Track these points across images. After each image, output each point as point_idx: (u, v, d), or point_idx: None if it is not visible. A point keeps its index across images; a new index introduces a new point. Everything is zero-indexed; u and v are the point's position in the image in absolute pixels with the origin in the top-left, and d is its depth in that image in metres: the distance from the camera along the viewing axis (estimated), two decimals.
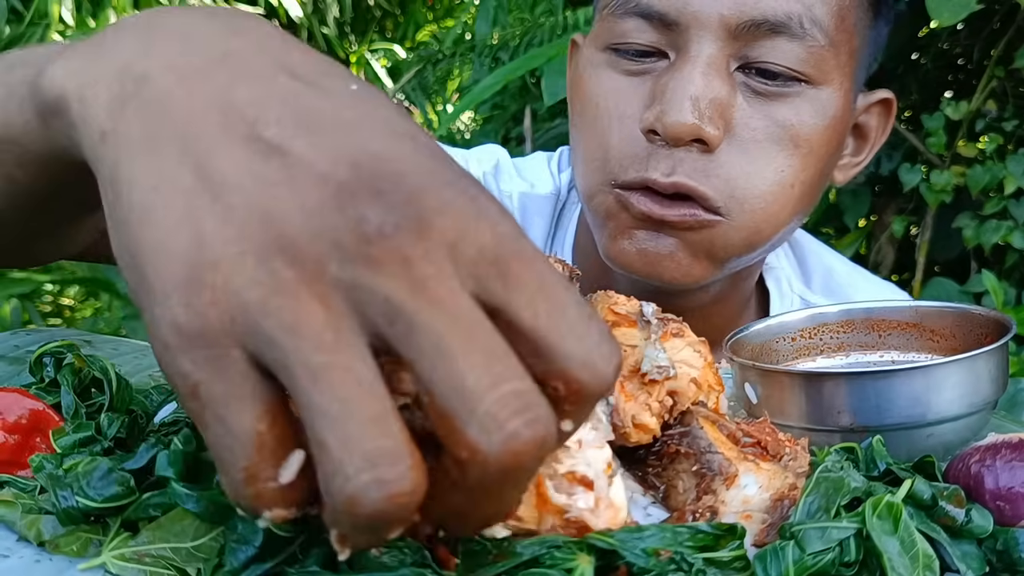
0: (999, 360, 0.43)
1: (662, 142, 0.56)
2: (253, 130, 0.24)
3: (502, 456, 0.22)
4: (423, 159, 0.24)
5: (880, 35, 0.64)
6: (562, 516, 0.29)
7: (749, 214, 0.58)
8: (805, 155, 0.58)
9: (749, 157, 0.57)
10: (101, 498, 0.32)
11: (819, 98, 0.58)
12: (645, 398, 0.35)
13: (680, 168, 0.56)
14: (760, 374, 0.44)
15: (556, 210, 0.75)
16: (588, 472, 0.30)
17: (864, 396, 0.41)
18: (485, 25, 2.10)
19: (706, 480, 0.34)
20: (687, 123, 0.54)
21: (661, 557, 0.29)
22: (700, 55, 0.56)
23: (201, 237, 0.23)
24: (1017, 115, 1.58)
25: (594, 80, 0.60)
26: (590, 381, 0.23)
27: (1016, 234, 1.51)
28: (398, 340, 0.22)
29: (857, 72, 0.61)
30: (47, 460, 0.34)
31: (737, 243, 0.59)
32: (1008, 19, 1.56)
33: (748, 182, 0.57)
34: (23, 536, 0.33)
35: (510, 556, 0.28)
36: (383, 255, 0.22)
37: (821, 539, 0.30)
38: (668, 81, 0.56)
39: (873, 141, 0.67)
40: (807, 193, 0.60)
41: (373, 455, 0.21)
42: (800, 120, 0.58)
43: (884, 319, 0.50)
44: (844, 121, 0.60)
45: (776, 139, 0.57)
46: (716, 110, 0.56)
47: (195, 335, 0.22)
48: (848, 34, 0.59)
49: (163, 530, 0.31)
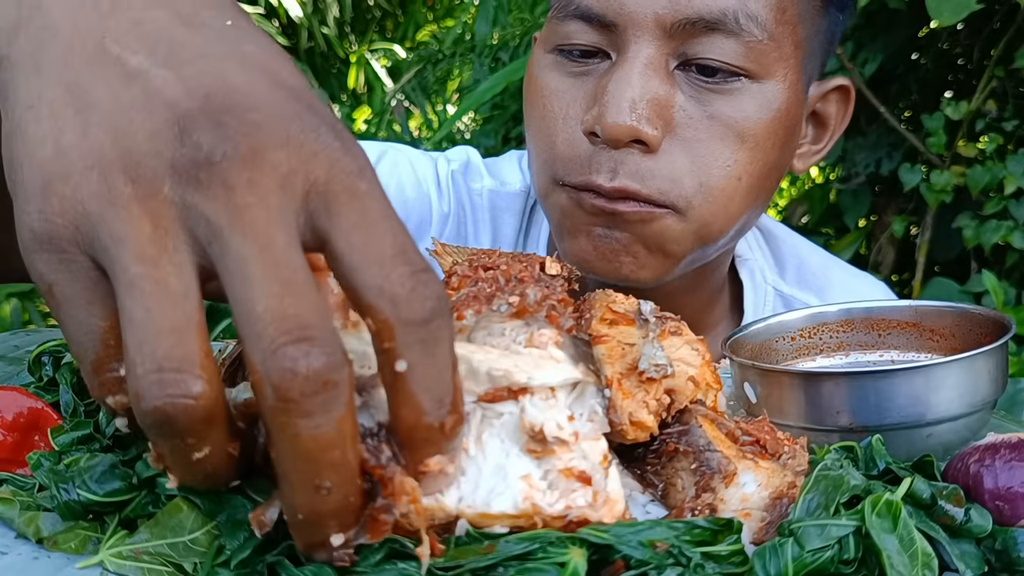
0: (999, 360, 0.43)
1: (603, 144, 0.57)
2: (120, 57, 0.26)
3: (280, 381, 0.23)
4: (277, 96, 0.25)
5: (834, 21, 0.63)
6: (563, 521, 0.29)
7: (697, 209, 0.58)
8: (751, 149, 0.59)
9: (692, 154, 0.57)
10: (103, 492, 0.32)
11: (762, 92, 0.58)
12: (643, 396, 0.35)
13: (622, 170, 0.56)
14: (759, 373, 0.44)
15: (527, 206, 0.76)
16: (585, 466, 0.30)
17: (863, 396, 0.41)
18: (485, 25, 2.10)
19: (705, 478, 0.34)
20: (624, 124, 0.55)
21: (657, 549, 0.29)
22: (638, 55, 0.56)
23: (60, 150, 0.25)
24: (1017, 115, 1.58)
25: (541, 81, 0.60)
26: (391, 313, 0.24)
27: (1016, 234, 1.51)
28: (216, 260, 0.24)
29: (806, 61, 0.61)
30: (45, 457, 0.34)
31: (688, 236, 0.59)
32: (1008, 19, 1.56)
33: (693, 179, 0.57)
34: (21, 533, 0.33)
35: (499, 549, 0.28)
36: (209, 180, 0.24)
37: (820, 536, 0.30)
38: (607, 83, 0.56)
39: (833, 128, 0.67)
40: (757, 185, 0.60)
41: (162, 360, 0.24)
42: (743, 115, 0.58)
43: (884, 319, 0.50)
44: (792, 113, 0.60)
45: (719, 135, 0.57)
46: (655, 110, 0.56)
47: (46, 239, 0.25)
48: (790, 26, 0.59)
49: (160, 526, 0.31)
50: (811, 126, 0.67)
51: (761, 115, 0.58)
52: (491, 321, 0.38)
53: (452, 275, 0.44)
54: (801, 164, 0.67)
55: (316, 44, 3.24)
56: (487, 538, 0.29)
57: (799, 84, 0.61)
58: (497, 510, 0.29)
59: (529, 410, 0.31)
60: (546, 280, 0.43)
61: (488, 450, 0.30)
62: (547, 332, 0.35)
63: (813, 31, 0.61)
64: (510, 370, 0.31)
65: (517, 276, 0.42)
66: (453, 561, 0.28)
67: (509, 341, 0.35)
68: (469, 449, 0.30)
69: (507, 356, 0.32)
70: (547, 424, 0.31)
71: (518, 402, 0.31)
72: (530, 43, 1.89)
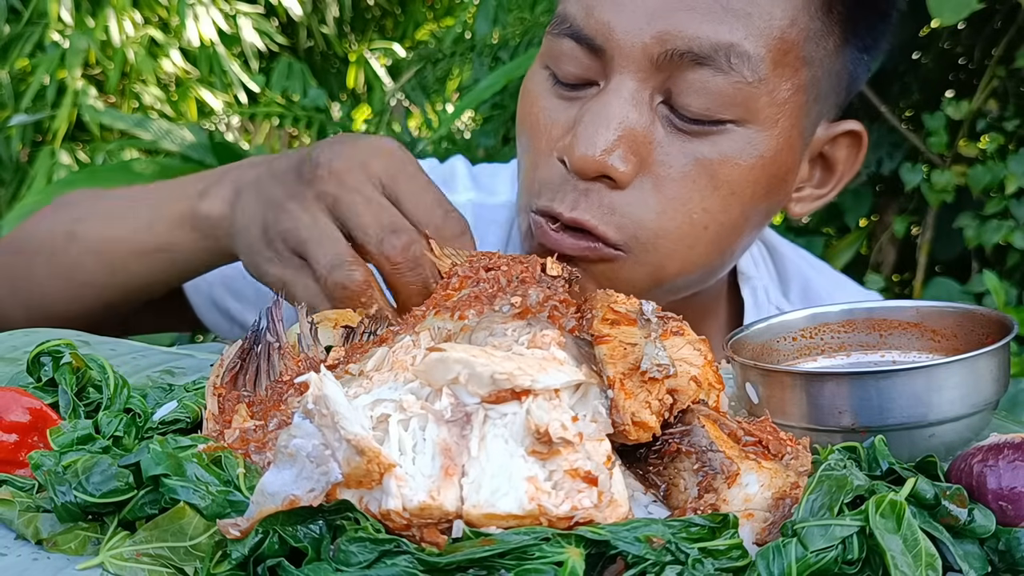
0: (1001, 360, 0.43)
1: (571, 176, 0.55)
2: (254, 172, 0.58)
3: (392, 253, 0.49)
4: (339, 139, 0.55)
5: (855, 62, 0.61)
6: (568, 522, 0.29)
7: (652, 253, 0.56)
8: (725, 196, 0.56)
9: (661, 196, 0.55)
10: (100, 494, 0.32)
11: (746, 137, 0.55)
12: (645, 396, 0.34)
13: (584, 203, 0.55)
14: (761, 374, 0.44)
15: (514, 217, 0.74)
16: (590, 467, 0.30)
17: (866, 396, 0.41)
18: (485, 24, 2.09)
19: (707, 478, 0.34)
20: (593, 158, 0.53)
21: (654, 544, 0.29)
22: (621, 87, 0.54)
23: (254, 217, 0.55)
24: (1018, 114, 1.58)
25: (532, 96, 0.59)
26: (435, 233, 0.50)
27: (1017, 234, 1.51)
28: (341, 215, 0.50)
29: (811, 105, 0.58)
30: (46, 457, 0.34)
31: (640, 279, 0.57)
32: (1009, 18, 1.56)
33: (656, 223, 0.55)
34: (21, 534, 0.33)
35: (496, 543, 0.28)
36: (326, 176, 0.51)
37: (824, 537, 0.30)
38: (585, 113, 0.55)
39: (840, 174, 0.64)
40: (727, 233, 0.58)
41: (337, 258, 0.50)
42: (722, 159, 0.55)
43: (885, 319, 0.49)
44: (781, 159, 0.58)
45: (693, 178, 0.55)
46: (629, 146, 0.54)
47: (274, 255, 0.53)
48: (791, 68, 0.56)
49: (160, 529, 0.31)
50: (818, 169, 0.64)
51: (741, 161, 0.56)
52: (493, 322, 0.38)
53: (452, 276, 0.44)
54: (800, 208, 0.64)
55: (315, 43, 3.24)
56: (480, 534, 0.29)
57: (795, 129, 0.58)
58: (503, 510, 0.29)
59: (534, 411, 0.31)
60: (547, 281, 0.43)
61: (492, 451, 0.30)
62: (549, 333, 0.35)
63: (823, 73, 0.58)
64: (514, 373, 0.31)
65: (519, 277, 0.42)
66: (451, 554, 0.28)
67: (511, 341, 0.35)
68: (472, 450, 0.30)
69: (510, 359, 0.32)
70: (552, 425, 0.30)
71: (522, 404, 0.31)
72: (530, 42, 1.89)
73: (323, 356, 0.42)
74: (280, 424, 0.36)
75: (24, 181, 2.38)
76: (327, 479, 0.29)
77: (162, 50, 2.70)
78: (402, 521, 0.29)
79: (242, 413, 0.38)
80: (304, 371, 0.39)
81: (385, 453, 0.29)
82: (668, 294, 0.61)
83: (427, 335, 0.38)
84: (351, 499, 0.29)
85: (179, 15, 2.61)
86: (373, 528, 0.29)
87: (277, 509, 0.29)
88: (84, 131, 2.57)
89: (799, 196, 0.64)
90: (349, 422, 0.29)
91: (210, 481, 0.32)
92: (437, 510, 0.29)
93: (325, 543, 0.29)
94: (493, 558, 0.28)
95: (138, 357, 0.51)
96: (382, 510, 0.29)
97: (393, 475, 0.29)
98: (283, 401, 0.38)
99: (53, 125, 2.40)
